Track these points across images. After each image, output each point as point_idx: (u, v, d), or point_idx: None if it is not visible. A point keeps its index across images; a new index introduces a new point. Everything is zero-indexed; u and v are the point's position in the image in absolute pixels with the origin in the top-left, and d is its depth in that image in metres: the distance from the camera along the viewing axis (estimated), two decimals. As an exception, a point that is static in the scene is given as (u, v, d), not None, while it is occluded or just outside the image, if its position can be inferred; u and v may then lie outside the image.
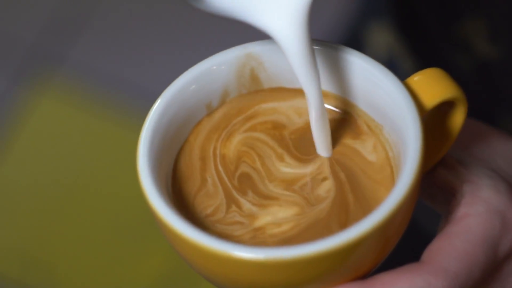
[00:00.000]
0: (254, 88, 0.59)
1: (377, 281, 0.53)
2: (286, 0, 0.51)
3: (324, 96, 0.57)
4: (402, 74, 0.59)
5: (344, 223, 0.54)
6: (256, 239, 0.54)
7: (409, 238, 0.61)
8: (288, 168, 0.57)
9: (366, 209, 0.55)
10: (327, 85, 0.58)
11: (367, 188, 0.56)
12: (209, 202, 0.56)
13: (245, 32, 0.72)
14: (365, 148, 0.57)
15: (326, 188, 0.56)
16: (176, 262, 1.50)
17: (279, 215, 0.55)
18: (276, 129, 0.58)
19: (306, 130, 0.58)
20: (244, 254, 0.50)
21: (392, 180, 0.56)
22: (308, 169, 0.57)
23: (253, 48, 0.58)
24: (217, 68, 0.58)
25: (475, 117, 0.62)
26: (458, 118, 0.58)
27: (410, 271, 0.53)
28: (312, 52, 0.53)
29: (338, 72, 0.58)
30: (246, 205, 0.55)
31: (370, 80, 0.56)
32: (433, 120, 0.59)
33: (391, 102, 0.55)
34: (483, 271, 0.55)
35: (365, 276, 0.54)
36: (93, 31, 1.69)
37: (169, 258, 1.51)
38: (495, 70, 0.74)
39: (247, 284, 0.52)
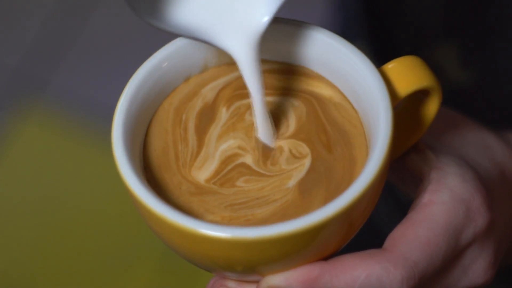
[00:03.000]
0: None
1: (338, 263, 0.54)
2: (243, 27, 0.55)
3: (301, 75, 0.59)
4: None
5: (327, 146, 0.57)
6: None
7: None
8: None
9: (345, 139, 0.57)
10: (307, 63, 0.59)
11: (338, 118, 0.58)
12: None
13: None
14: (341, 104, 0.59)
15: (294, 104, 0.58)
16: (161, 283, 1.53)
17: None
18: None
19: None
20: (208, 231, 0.51)
21: (364, 141, 0.57)
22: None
23: None
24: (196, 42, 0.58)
25: None
26: (432, 106, 0.58)
27: (371, 257, 0.54)
28: (260, 67, 0.56)
29: (319, 53, 0.58)
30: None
31: (348, 64, 0.57)
32: (407, 107, 0.59)
33: (366, 88, 0.56)
34: (444, 260, 0.56)
35: (330, 256, 0.55)
36: (75, 57, 1.67)
37: (153, 279, 1.53)
38: (466, 95, 0.75)
39: (211, 260, 0.53)
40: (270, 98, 0.59)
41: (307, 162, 0.56)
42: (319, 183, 0.55)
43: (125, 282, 1.51)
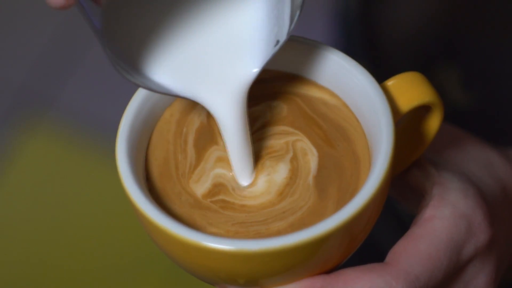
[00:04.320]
0: None
1: (340, 276, 0.54)
2: (226, 83, 0.56)
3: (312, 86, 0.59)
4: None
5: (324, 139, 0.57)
6: None
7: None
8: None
9: (343, 135, 0.57)
10: (313, 76, 0.60)
11: (329, 114, 0.58)
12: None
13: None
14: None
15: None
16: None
17: None
18: None
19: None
20: (211, 244, 0.52)
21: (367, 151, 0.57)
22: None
23: None
24: None
25: None
26: (434, 122, 0.59)
27: (373, 271, 0.54)
28: (247, 130, 0.56)
29: (322, 68, 0.59)
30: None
31: (352, 80, 0.57)
32: (409, 123, 0.60)
33: (368, 104, 0.56)
34: (445, 274, 0.56)
35: (332, 270, 0.55)
36: (82, 73, 1.68)
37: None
38: (467, 116, 0.76)
39: (213, 272, 0.54)
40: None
41: (308, 143, 0.57)
42: (332, 181, 0.55)
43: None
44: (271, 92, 0.60)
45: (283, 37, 0.55)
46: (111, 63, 0.53)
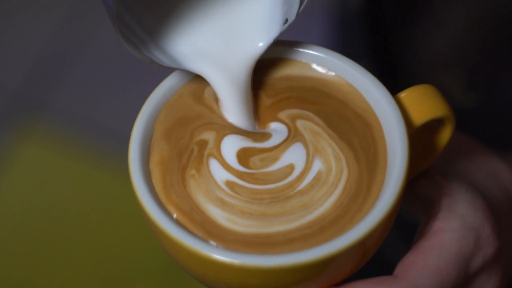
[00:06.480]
0: None
1: None
2: (232, 59, 0.56)
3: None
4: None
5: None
6: None
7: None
8: None
9: (337, 97, 0.57)
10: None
11: (314, 83, 0.58)
12: None
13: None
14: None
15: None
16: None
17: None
18: None
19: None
20: (223, 258, 0.52)
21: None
22: None
23: None
24: None
25: None
26: (445, 134, 0.59)
27: (383, 284, 0.54)
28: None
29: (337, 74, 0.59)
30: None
31: (364, 91, 0.57)
32: (420, 133, 0.60)
33: (382, 117, 0.56)
34: (454, 287, 0.57)
35: (342, 282, 0.55)
36: (76, 78, 1.67)
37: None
38: (471, 117, 0.76)
39: (225, 283, 0.54)
40: None
41: (288, 111, 0.57)
42: (348, 132, 0.55)
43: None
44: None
45: (292, 16, 0.55)
46: (122, 41, 0.54)
